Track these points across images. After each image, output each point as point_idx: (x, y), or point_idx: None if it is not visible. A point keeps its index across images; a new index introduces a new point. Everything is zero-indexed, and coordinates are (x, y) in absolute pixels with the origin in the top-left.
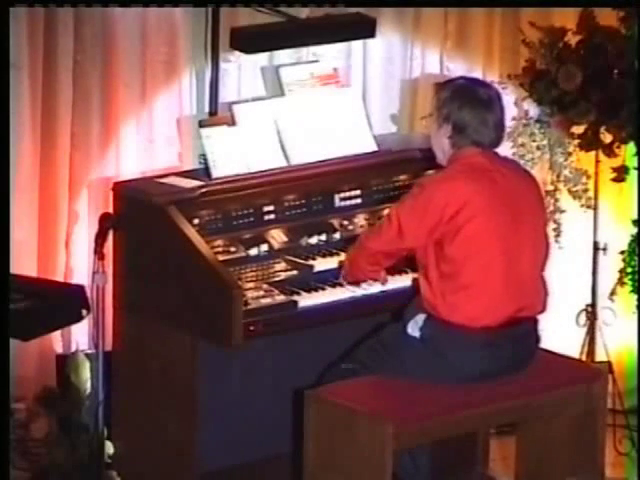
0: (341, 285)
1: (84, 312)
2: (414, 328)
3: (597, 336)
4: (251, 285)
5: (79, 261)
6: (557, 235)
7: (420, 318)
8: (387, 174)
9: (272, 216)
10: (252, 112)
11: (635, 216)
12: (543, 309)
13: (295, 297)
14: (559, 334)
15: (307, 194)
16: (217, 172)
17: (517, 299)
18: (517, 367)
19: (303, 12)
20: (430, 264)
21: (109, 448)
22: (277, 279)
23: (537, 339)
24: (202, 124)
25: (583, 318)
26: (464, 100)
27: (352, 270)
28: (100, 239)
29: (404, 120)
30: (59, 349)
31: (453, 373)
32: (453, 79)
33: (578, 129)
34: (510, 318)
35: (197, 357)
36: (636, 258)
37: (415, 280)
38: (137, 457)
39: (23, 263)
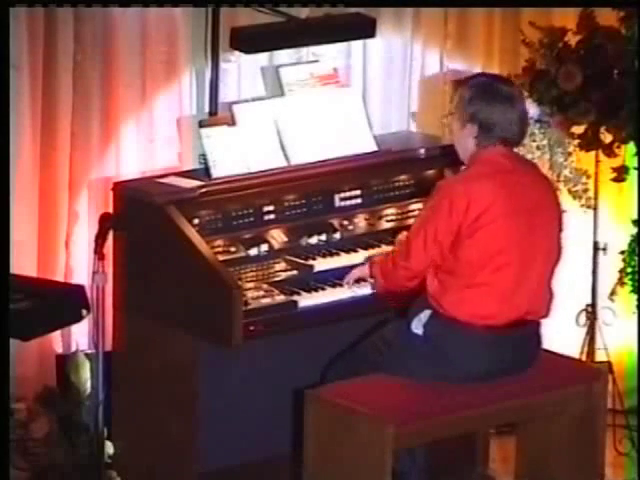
0: (341, 285)
1: (84, 312)
2: (418, 325)
3: (597, 336)
4: (251, 285)
5: (79, 261)
6: None
7: (424, 315)
8: (387, 174)
9: (272, 216)
10: (252, 112)
11: (635, 216)
12: (547, 314)
13: (295, 297)
14: (559, 334)
15: (307, 194)
16: (217, 172)
17: (525, 303)
18: (518, 369)
19: (303, 12)
20: (438, 267)
21: (109, 448)
22: (277, 279)
23: (539, 342)
24: (202, 124)
25: (583, 318)
26: (489, 98)
27: (390, 287)
28: (100, 239)
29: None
30: (59, 349)
31: (454, 372)
32: (473, 76)
33: (578, 129)
34: (514, 321)
35: (197, 357)
36: (636, 258)
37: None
38: (137, 457)
39: (23, 263)
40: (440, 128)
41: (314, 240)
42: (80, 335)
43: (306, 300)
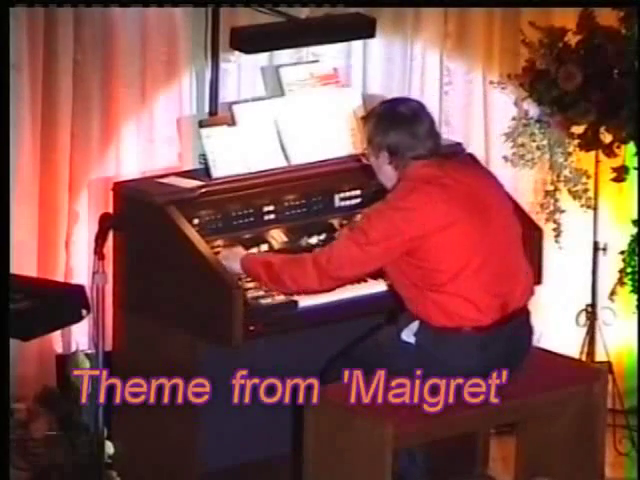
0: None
1: (84, 312)
2: (409, 335)
3: (597, 336)
4: (251, 285)
5: (79, 261)
6: (557, 235)
7: (414, 325)
8: None
9: (272, 216)
10: (252, 112)
11: (635, 216)
12: (531, 293)
13: (295, 297)
14: (559, 334)
15: (307, 194)
16: (217, 172)
17: (502, 292)
18: (513, 363)
19: (303, 12)
20: (404, 278)
21: (109, 448)
22: None
23: (530, 331)
24: (202, 124)
25: (583, 318)
26: (388, 123)
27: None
28: (100, 239)
29: None
30: (59, 349)
31: (451, 376)
32: (374, 107)
33: (578, 129)
34: (501, 314)
35: (197, 357)
36: (636, 258)
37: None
38: (137, 457)
39: (23, 263)
40: None
41: (314, 240)
42: (80, 335)
43: (306, 300)
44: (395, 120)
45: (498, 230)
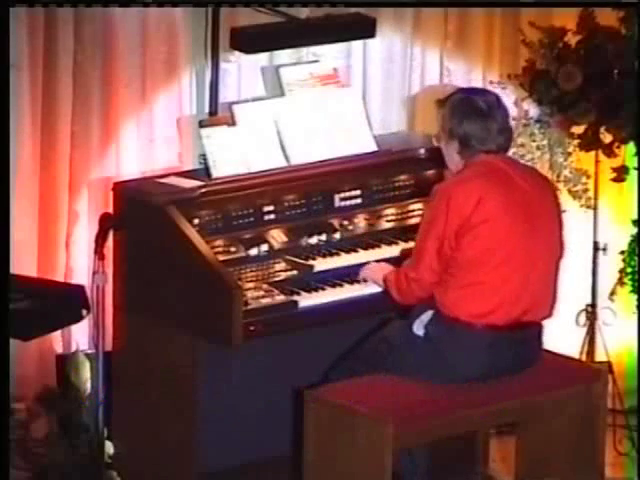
0: (341, 285)
1: (84, 312)
2: (419, 326)
3: (597, 336)
4: (251, 285)
5: (79, 261)
6: None
7: (426, 316)
8: (387, 174)
9: (272, 216)
10: (252, 112)
11: (635, 216)
12: (550, 314)
13: (295, 297)
14: (559, 334)
15: (307, 194)
16: (217, 172)
17: (525, 301)
18: (517, 371)
19: (303, 12)
20: None
21: (109, 448)
22: (277, 279)
23: (540, 345)
24: (202, 124)
25: (583, 318)
26: (463, 113)
27: (408, 301)
28: (100, 239)
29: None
30: (59, 349)
31: (454, 373)
32: (452, 93)
33: (578, 129)
34: (515, 321)
35: (197, 357)
36: (636, 258)
37: None
38: (137, 457)
39: (23, 263)
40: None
41: (314, 240)
42: (80, 335)
43: (306, 300)
44: (471, 113)
45: (543, 241)
